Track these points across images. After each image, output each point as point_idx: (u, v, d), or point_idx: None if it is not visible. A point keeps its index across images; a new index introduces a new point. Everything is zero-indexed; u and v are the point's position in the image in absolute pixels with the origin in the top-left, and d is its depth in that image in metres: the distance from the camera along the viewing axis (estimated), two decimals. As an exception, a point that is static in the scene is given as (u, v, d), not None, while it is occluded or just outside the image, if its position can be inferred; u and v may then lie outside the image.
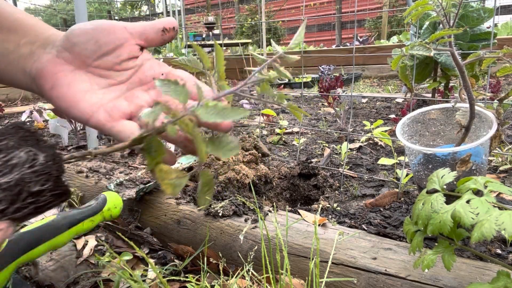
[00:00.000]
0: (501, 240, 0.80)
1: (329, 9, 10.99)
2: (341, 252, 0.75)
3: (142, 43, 0.46)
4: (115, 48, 0.44)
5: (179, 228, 0.96)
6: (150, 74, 0.46)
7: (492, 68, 2.97)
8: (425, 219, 0.55)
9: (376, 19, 9.67)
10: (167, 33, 0.46)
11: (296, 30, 0.38)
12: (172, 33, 0.47)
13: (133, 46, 0.45)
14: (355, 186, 1.17)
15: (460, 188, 0.56)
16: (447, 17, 0.70)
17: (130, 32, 0.45)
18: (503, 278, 0.49)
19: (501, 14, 6.37)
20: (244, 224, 0.87)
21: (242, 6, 11.93)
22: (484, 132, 0.78)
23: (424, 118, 0.89)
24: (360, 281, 0.69)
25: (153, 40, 0.46)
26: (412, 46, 0.67)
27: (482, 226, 0.46)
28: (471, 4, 1.82)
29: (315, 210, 0.98)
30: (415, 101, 2.23)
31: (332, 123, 2.19)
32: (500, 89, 2.11)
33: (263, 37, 5.31)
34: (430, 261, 0.55)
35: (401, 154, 1.40)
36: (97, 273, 0.88)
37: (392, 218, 0.92)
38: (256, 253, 0.81)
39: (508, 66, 0.71)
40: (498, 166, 1.27)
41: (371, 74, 4.73)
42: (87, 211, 0.93)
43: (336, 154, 1.56)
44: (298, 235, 0.81)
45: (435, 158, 0.80)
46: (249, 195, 1.05)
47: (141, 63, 0.46)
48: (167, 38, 0.47)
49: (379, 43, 6.44)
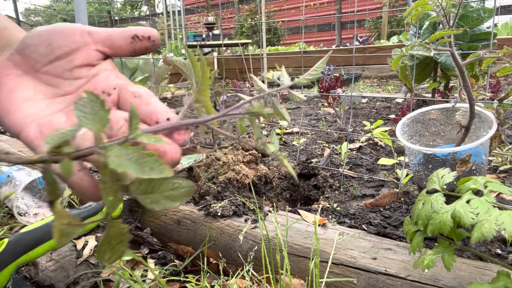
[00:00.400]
0: (501, 240, 0.80)
1: (329, 9, 10.99)
2: (341, 252, 0.75)
3: (105, 50, 0.40)
4: (70, 53, 0.39)
5: (179, 228, 0.96)
6: (101, 87, 0.39)
7: (492, 68, 2.97)
8: (425, 219, 0.55)
9: (376, 19, 9.68)
10: (139, 41, 0.41)
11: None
12: (147, 43, 0.41)
13: (92, 52, 0.40)
14: (355, 186, 1.17)
15: (460, 188, 0.56)
16: (447, 17, 0.70)
17: (93, 36, 0.40)
18: (503, 278, 0.49)
19: (501, 14, 6.37)
20: (244, 224, 0.87)
21: (242, 6, 11.94)
22: (484, 132, 0.78)
23: (424, 118, 0.89)
24: (360, 281, 0.69)
25: (120, 48, 0.41)
26: (412, 46, 0.67)
27: (482, 226, 0.46)
28: (471, 4, 1.82)
29: (315, 210, 0.98)
30: (415, 101, 2.23)
31: (332, 123, 2.19)
32: (500, 89, 2.11)
33: (263, 38, 5.31)
34: (430, 261, 0.55)
35: (401, 154, 1.40)
36: (97, 273, 0.88)
37: (392, 218, 0.92)
38: (256, 253, 0.81)
39: (508, 66, 0.71)
40: (498, 166, 1.27)
41: (371, 74, 4.73)
42: (87, 211, 0.93)
43: (336, 154, 1.56)
44: (298, 235, 0.81)
45: (435, 158, 0.80)
46: (249, 195, 1.05)
47: (96, 72, 0.40)
48: (138, 48, 0.41)
49: (379, 43, 6.44)
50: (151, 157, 0.26)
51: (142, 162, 0.26)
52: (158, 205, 0.28)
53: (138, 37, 0.40)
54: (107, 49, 0.40)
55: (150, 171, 0.25)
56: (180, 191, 0.28)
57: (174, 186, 0.28)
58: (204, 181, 1.06)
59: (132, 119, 0.28)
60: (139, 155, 0.26)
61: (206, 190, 1.01)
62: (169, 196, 0.28)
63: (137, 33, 0.40)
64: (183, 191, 0.28)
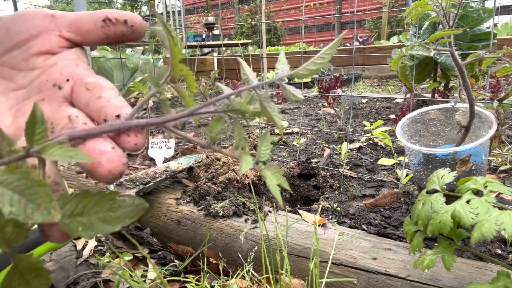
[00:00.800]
0: (501, 240, 0.80)
1: (329, 9, 10.99)
2: (341, 252, 0.75)
3: (71, 37, 0.34)
4: (29, 39, 0.33)
5: (179, 229, 0.96)
6: (52, 79, 0.32)
7: (492, 68, 2.97)
8: (425, 219, 0.55)
9: (376, 19, 9.68)
10: (112, 25, 0.34)
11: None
12: (122, 28, 0.34)
13: (53, 37, 0.33)
14: (355, 186, 1.17)
15: (460, 188, 0.56)
16: (447, 17, 0.70)
17: (57, 20, 0.34)
18: (503, 278, 0.49)
19: (501, 14, 6.37)
20: (244, 224, 0.87)
21: (242, 6, 11.94)
22: (484, 132, 0.78)
23: (424, 118, 0.89)
24: (360, 281, 0.69)
25: (89, 34, 0.34)
26: (412, 46, 0.67)
27: (482, 226, 0.46)
28: (471, 4, 1.82)
29: (315, 210, 0.98)
30: (415, 101, 2.23)
31: (332, 123, 2.19)
32: (500, 89, 2.11)
33: (263, 38, 5.32)
34: (430, 261, 0.55)
35: (401, 154, 1.40)
36: (97, 274, 0.88)
37: (392, 218, 0.92)
38: (256, 254, 0.81)
39: (508, 66, 0.71)
40: (498, 166, 1.27)
41: (371, 74, 4.73)
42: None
43: (336, 154, 1.56)
44: (298, 236, 0.81)
45: (435, 158, 0.80)
46: (249, 195, 1.05)
47: (54, 62, 0.33)
48: (111, 34, 0.34)
49: (379, 43, 6.44)
50: (41, 187, 0.18)
51: (29, 194, 0.18)
52: (89, 231, 0.21)
53: (111, 20, 0.34)
54: (73, 35, 0.34)
55: (33, 212, 0.17)
56: (121, 211, 0.22)
57: (113, 205, 0.22)
58: (204, 181, 1.06)
59: (35, 126, 0.20)
60: (28, 183, 0.18)
61: (206, 190, 1.01)
62: (105, 219, 0.21)
63: (109, 16, 0.34)
64: (125, 211, 0.22)
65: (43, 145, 0.20)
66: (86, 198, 0.22)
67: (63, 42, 0.34)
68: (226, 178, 1.04)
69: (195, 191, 1.03)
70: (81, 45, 0.35)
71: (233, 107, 0.24)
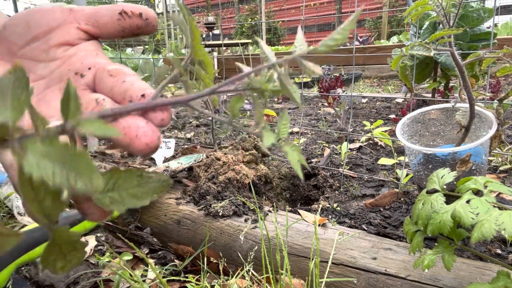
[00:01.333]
0: (501, 240, 0.80)
1: (329, 9, 10.99)
2: (341, 252, 0.75)
3: (89, 29, 0.35)
4: (48, 31, 0.34)
5: (179, 228, 0.96)
6: (74, 68, 0.33)
7: (492, 68, 2.97)
8: (425, 219, 0.55)
9: (376, 19, 9.68)
10: (128, 18, 0.35)
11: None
12: (138, 21, 0.35)
13: (72, 29, 0.35)
14: (355, 186, 1.17)
15: (460, 188, 0.56)
16: (447, 17, 0.70)
17: (75, 13, 0.35)
18: (503, 278, 0.49)
19: (501, 14, 6.37)
20: (244, 224, 0.87)
21: (242, 6, 11.94)
22: (484, 132, 0.78)
23: (424, 118, 0.89)
24: (360, 281, 0.69)
25: (106, 26, 0.35)
26: (412, 46, 0.67)
27: (482, 226, 0.46)
28: (471, 4, 1.82)
29: (315, 210, 0.98)
30: (415, 101, 2.23)
31: (332, 123, 2.19)
32: (500, 89, 2.11)
33: (263, 37, 5.32)
34: (430, 261, 0.55)
35: (401, 154, 1.40)
36: (97, 273, 0.88)
37: (392, 218, 0.92)
38: (256, 253, 0.81)
39: (508, 66, 0.71)
40: (498, 166, 1.27)
41: (371, 74, 4.73)
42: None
43: (336, 154, 1.56)
44: (298, 235, 0.81)
45: (435, 158, 0.80)
46: (249, 195, 1.05)
47: (74, 53, 0.35)
48: (127, 26, 0.35)
49: (379, 43, 6.44)
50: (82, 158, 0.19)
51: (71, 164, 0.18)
52: (121, 205, 0.22)
53: (127, 13, 0.35)
54: (90, 27, 0.36)
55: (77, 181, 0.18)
56: (149, 186, 0.23)
57: (141, 181, 0.23)
58: (204, 181, 1.06)
59: (69, 102, 0.20)
60: (69, 154, 0.19)
61: (206, 190, 1.01)
62: (135, 194, 0.23)
63: (125, 9, 0.35)
64: (152, 186, 0.23)
65: (79, 120, 0.20)
66: (116, 174, 0.23)
67: (81, 35, 0.35)
68: (226, 177, 1.04)
69: (195, 191, 1.03)
70: (98, 38, 0.37)
71: (253, 85, 0.24)
